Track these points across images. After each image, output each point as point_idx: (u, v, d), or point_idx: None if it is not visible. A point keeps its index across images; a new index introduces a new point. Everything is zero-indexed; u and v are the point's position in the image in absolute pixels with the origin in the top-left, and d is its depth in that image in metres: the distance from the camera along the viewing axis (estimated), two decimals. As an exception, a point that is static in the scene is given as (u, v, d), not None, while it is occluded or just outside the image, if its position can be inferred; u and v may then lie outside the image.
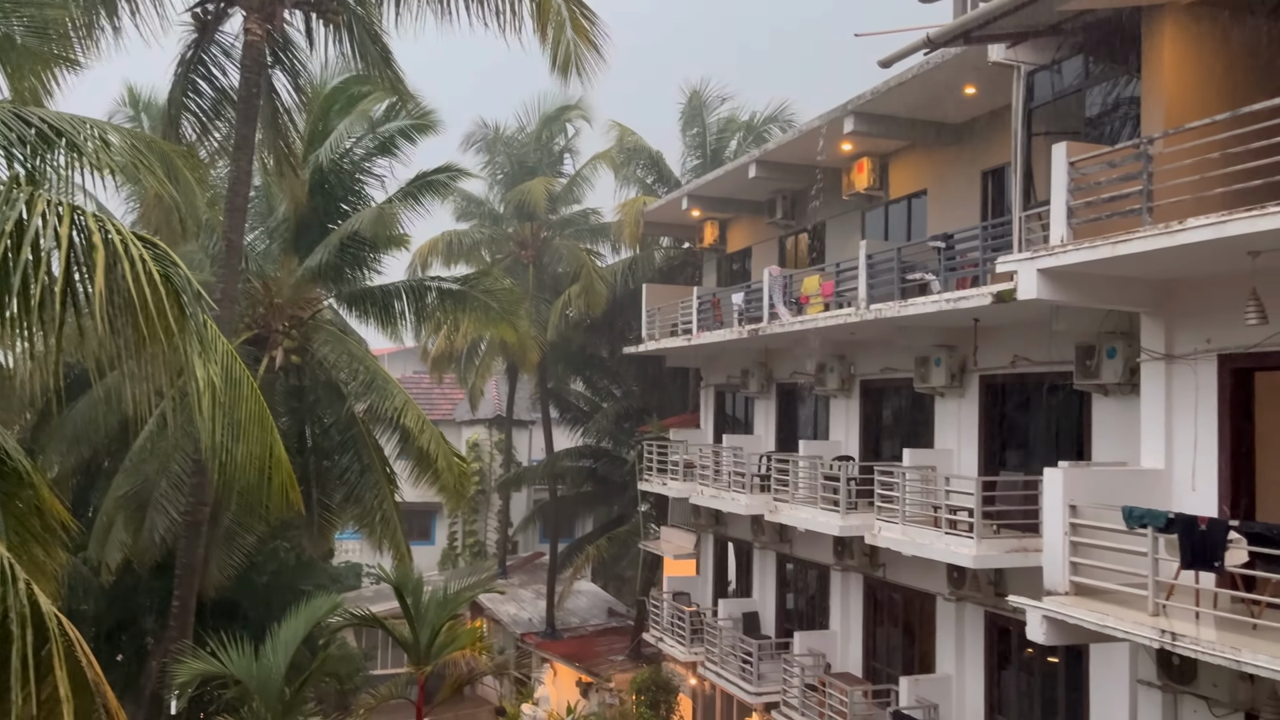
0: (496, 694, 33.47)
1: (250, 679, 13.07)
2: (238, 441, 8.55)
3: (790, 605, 21.89)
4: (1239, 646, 7.97)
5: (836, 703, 17.15)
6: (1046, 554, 10.25)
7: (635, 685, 26.29)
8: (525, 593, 36.50)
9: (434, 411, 37.36)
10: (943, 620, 16.47)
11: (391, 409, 18.12)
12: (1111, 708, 12.90)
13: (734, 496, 20.49)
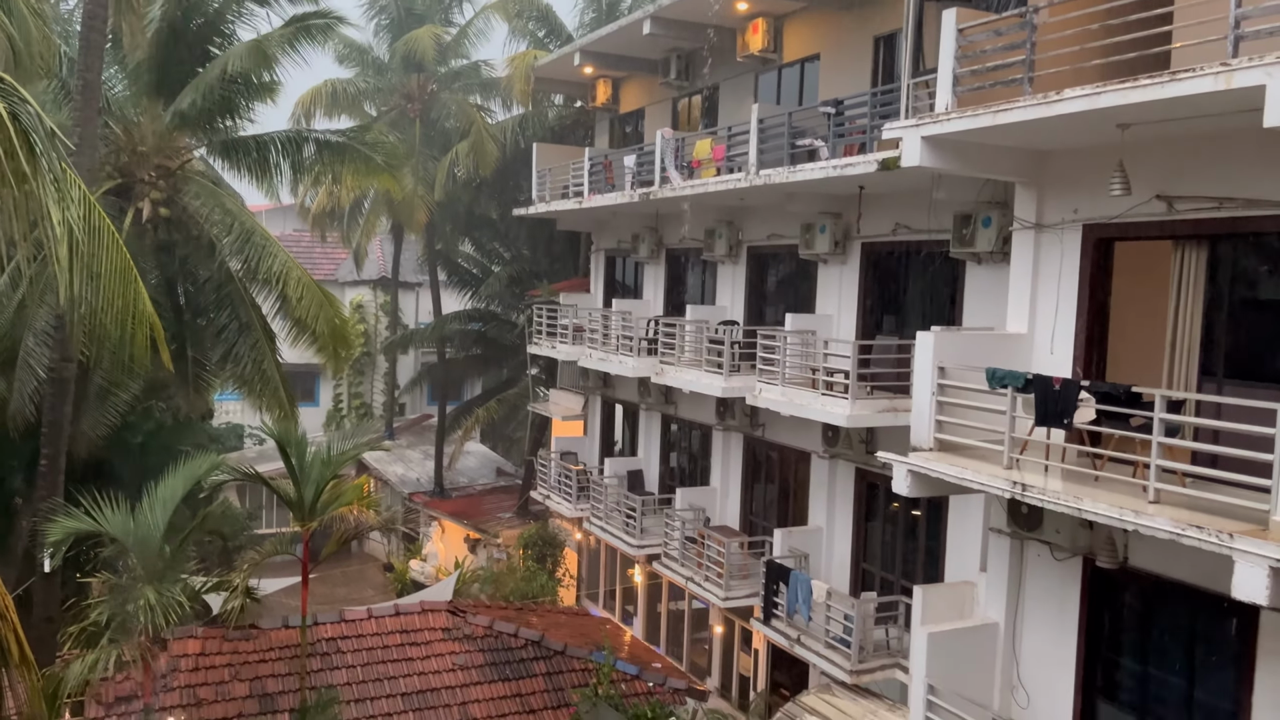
0: (384, 551, 33.90)
1: (127, 536, 12.88)
2: (99, 295, 8.14)
3: (673, 464, 22.61)
4: (1081, 496, 8.64)
5: (714, 553, 17.99)
6: (915, 413, 10.78)
7: (523, 541, 26.98)
8: (413, 454, 36.60)
9: (316, 271, 36.26)
10: (816, 477, 17.30)
11: (268, 266, 17.48)
12: (965, 554, 13.90)
13: (622, 359, 20.75)
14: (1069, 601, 10.57)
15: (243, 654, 15.56)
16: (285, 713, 14.62)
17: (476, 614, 17.53)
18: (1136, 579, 9.95)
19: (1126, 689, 10.23)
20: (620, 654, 16.98)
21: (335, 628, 16.52)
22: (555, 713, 15.84)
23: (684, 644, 22.00)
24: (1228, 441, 8.21)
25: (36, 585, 15.52)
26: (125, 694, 14.29)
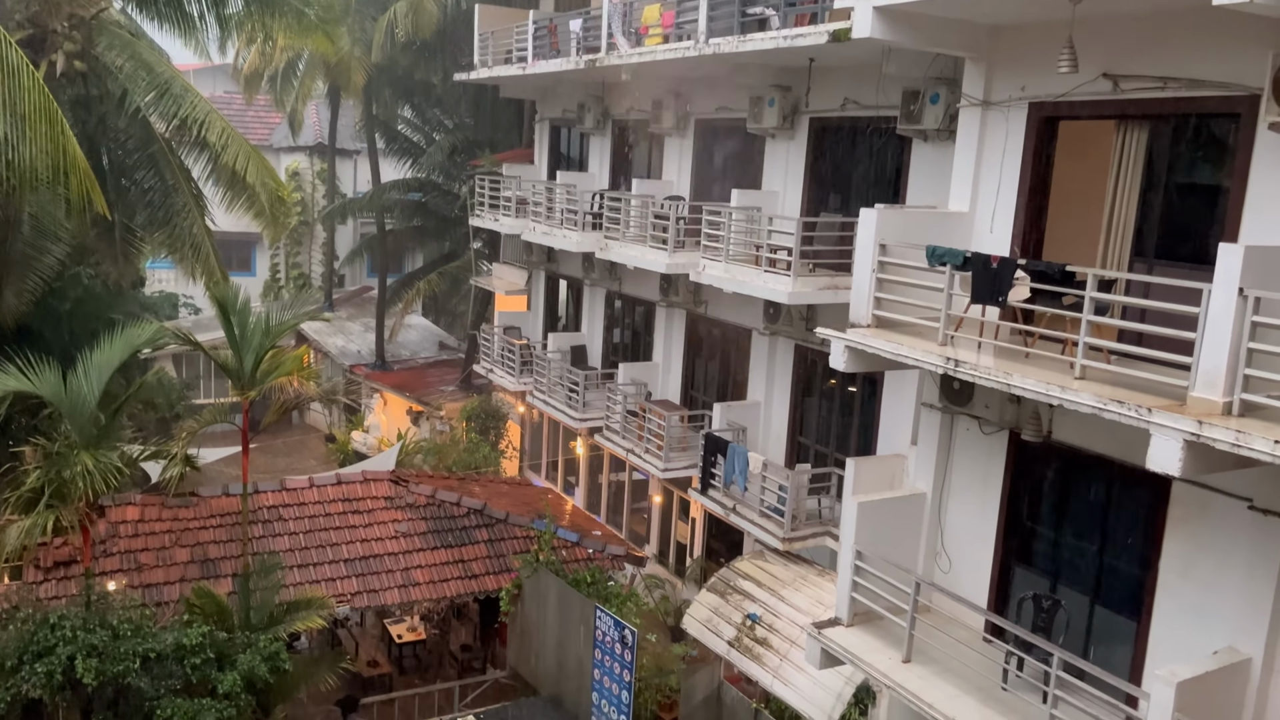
0: (326, 423, 33.87)
1: (60, 401, 12.64)
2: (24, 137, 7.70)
3: (617, 339, 22.70)
4: (1011, 372, 8.87)
5: (655, 426, 18.28)
6: (855, 290, 10.88)
7: (465, 413, 27.12)
8: (354, 326, 36.23)
9: (249, 135, 34.84)
10: (756, 353, 17.53)
11: (193, 120, 16.70)
12: (897, 428, 14.32)
13: (566, 234, 20.53)
14: (993, 473, 10.99)
15: (183, 521, 15.61)
16: (228, 577, 14.79)
17: (419, 483, 17.73)
18: (1058, 452, 10.35)
19: (1042, 555, 10.76)
20: (561, 522, 17.39)
21: (276, 496, 16.61)
22: (497, 578, 16.26)
23: (624, 513, 22.57)
24: (1154, 320, 8.45)
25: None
26: (64, 559, 14.31)
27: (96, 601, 12.88)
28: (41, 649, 11.87)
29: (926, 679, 10.20)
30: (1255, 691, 8.46)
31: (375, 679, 16.60)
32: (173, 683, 12.46)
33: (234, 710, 12.53)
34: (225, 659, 12.85)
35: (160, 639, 12.53)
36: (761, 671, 13.99)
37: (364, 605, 15.37)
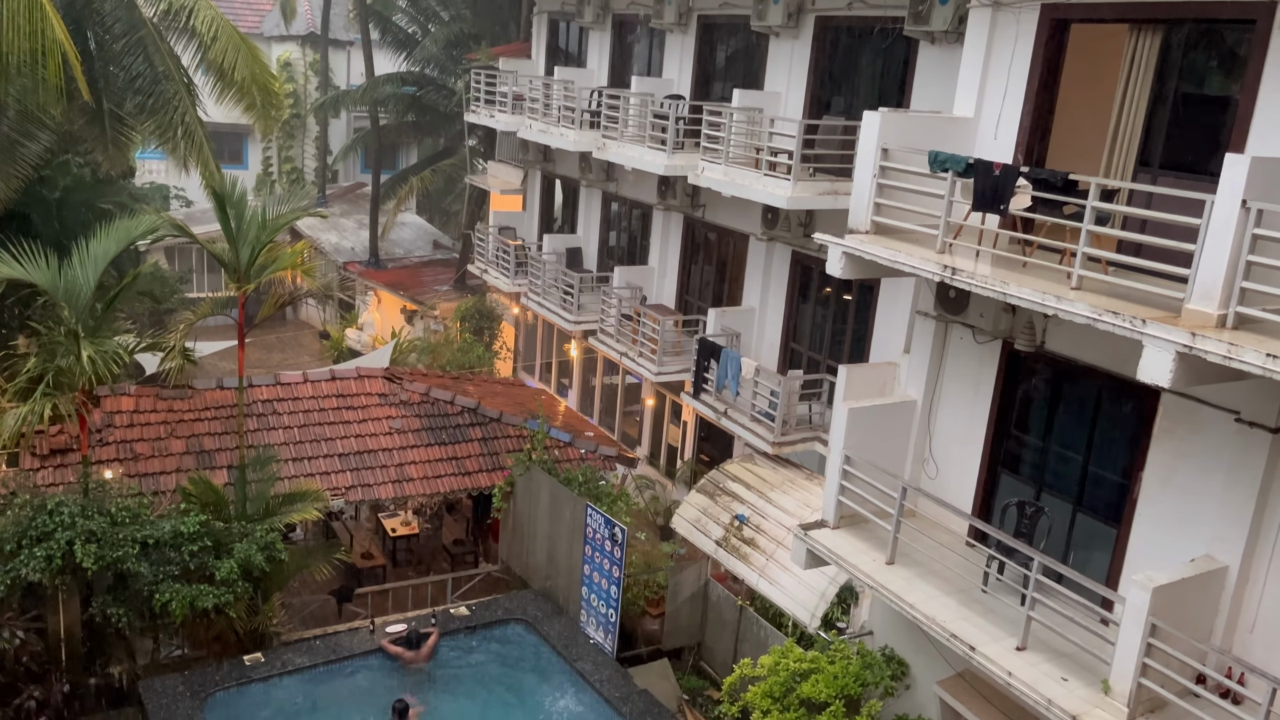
0: (320, 319, 33.84)
1: (55, 290, 12.56)
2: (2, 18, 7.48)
3: (612, 242, 22.55)
4: (1008, 281, 8.85)
5: (649, 330, 18.31)
6: (855, 195, 10.78)
7: (459, 313, 27.10)
8: (347, 222, 35.87)
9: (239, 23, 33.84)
10: (753, 258, 17.45)
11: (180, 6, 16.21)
12: (890, 337, 14.37)
13: (563, 132, 20.19)
14: (984, 382, 11.07)
15: (178, 412, 15.70)
16: (223, 469, 14.95)
17: (413, 381, 17.80)
18: (1050, 362, 10.41)
19: (1028, 463, 10.92)
20: (554, 423, 17.54)
21: (271, 390, 16.68)
22: (490, 476, 16.47)
23: (616, 416, 22.77)
24: (1155, 232, 8.40)
25: (-41, 339, 15.25)
26: (60, 446, 14.43)
27: (94, 489, 13.03)
28: (40, 534, 12.06)
29: (909, 580, 10.44)
30: (1230, 599, 8.68)
31: (369, 571, 16.95)
32: (171, 569, 12.70)
33: (231, 596, 12.81)
34: (222, 547, 13.09)
35: (158, 527, 12.73)
36: (748, 570, 14.31)
37: (358, 499, 15.58)
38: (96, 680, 12.99)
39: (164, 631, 13.50)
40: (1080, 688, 8.71)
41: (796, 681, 11.69)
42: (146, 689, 12.66)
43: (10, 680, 12.17)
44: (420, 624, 14.50)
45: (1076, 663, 9.02)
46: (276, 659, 13.54)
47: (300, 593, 15.73)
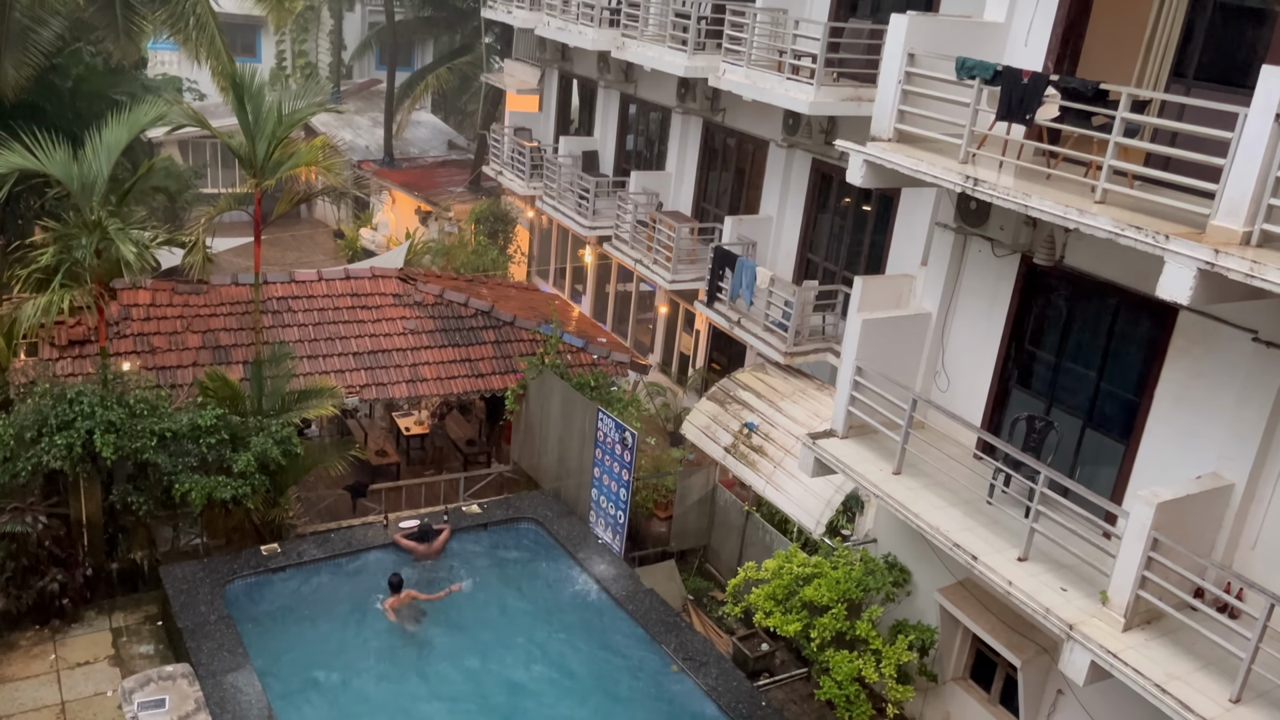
0: (334, 218, 33.72)
1: (70, 180, 12.49)
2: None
3: (630, 146, 22.22)
4: (1030, 193, 8.71)
5: (665, 237, 18.17)
6: (878, 101, 10.54)
7: (474, 216, 26.94)
8: (361, 120, 35.43)
9: (251, -91, 32.96)
10: (772, 166, 17.19)
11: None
12: (908, 249, 14.23)
13: (581, 30, 19.72)
14: (1000, 296, 10.99)
15: (194, 307, 15.78)
16: (239, 364, 15.09)
17: (427, 282, 17.80)
18: (1068, 278, 10.31)
19: (1040, 378, 10.91)
20: (568, 328, 17.57)
21: (286, 287, 16.72)
22: (503, 378, 16.59)
23: (629, 323, 22.79)
24: (1184, 145, 8.21)
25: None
26: (78, 338, 14.57)
27: (112, 380, 13.19)
28: (60, 423, 12.26)
29: (914, 490, 10.55)
30: (1234, 516, 8.75)
31: (383, 468, 17.24)
32: (189, 460, 12.94)
33: (248, 488, 13.07)
34: (239, 441, 13.30)
35: (176, 419, 12.92)
36: (755, 477, 14.49)
37: (372, 397, 15.75)
38: (118, 565, 13.38)
39: (183, 520, 13.83)
40: (1079, 598, 8.87)
41: (799, 585, 11.94)
42: (167, 575, 13.03)
43: (34, 563, 12.52)
44: (433, 520, 14.80)
45: (1076, 574, 9.16)
46: (293, 550, 13.88)
47: (316, 487, 16.03)
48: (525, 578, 14.35)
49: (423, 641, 12.95)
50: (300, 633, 12.76)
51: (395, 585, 13.24)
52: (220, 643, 11.86)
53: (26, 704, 11.62)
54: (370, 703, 11.77)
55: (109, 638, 12.83)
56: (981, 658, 11.91)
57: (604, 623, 13.34)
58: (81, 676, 12.13)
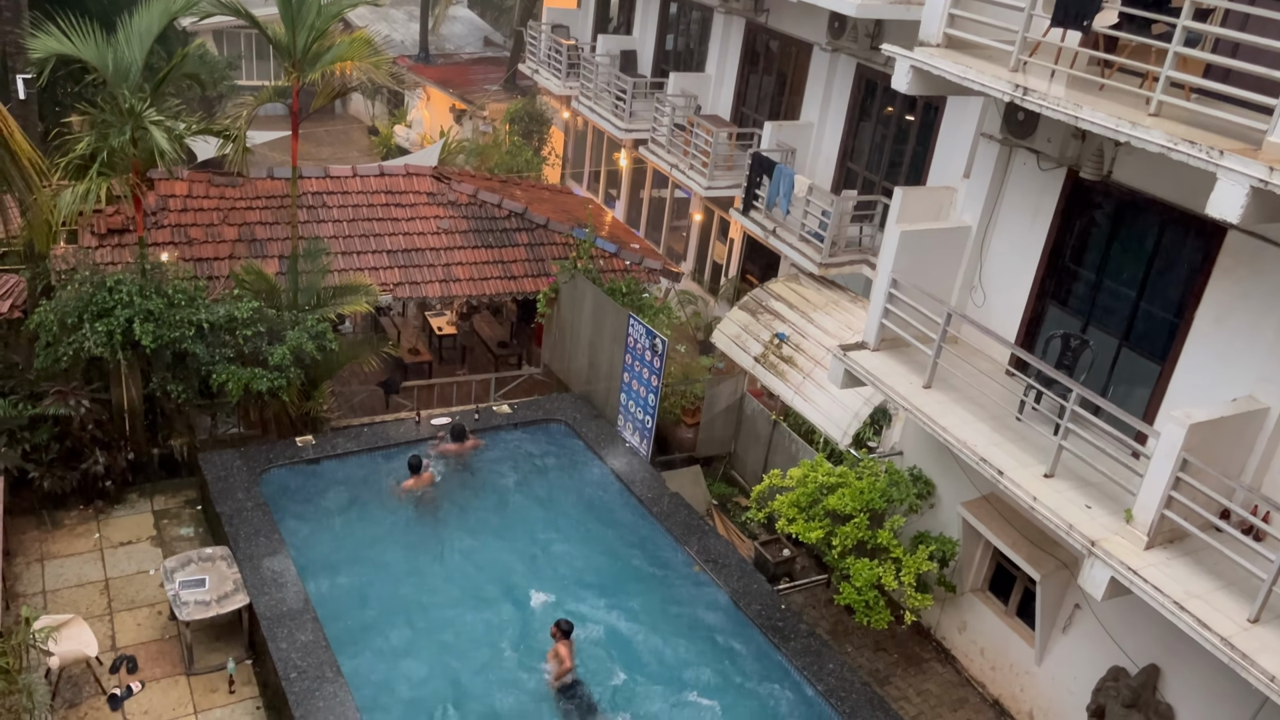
0: (368, 115, 33.42)
1: (104, 67, 12.42)
2: None
3: (669, 46, 21.71)
4: (1081, 104, 8.45)
5: (702, 142, 17.89)
6: (928, 3, 10.18)
7: (509, 115, 26.60)
8: (397, 14, 34.80)
9: None
10: (815, 71, 16.76)
11: None
12: (951, 160, 13.93)
13: (623, -77, 19.10)
14: (1043, 211, 10.77)
15: (230, 200, 15.82)
16: (275, 258, 15.19)
17: (461, 182, 17.70)
18: (1114, 193, 10.07)
19: (1078, 296, 10.75)
20: (601, 233, 17.47)
21: (321, 183, 16.69)
22: (535, 281, 16.60)
23: (663, 230, 22.62)
24: (1245, 57, 7.90)
25: (14, 114, 15.26)
26: (117, 227, 14.69)
27: (151, 270, 13.34)
28: (101, 310, 12.46)
29: (944, 405, 10.54)
30: (1267, 440, 8.69)
31: (416, 366, 17.44)
32: (226, 351, 13.15)
33: (284, 381, 13.29)
34: (275, 334, 13.48)
35: (213, 310, 13.09)
36: (784, 387, 14.52)
37: (406, 295, 15.83)
38: (159, 451, 13.74)
39: (221, 410, 14.14)
40: (1103, 515, 8.90)
41: (823, 494, 12.06)
42: (205, 462, 13.38)
43: (78, 445, 12.89)
44: (463, 420, 15.02)
45: (1102, 492, 9.18)
46: (327, 443, 14.18)
47: (349, 382, 16.28)
48: (552, 477, 14.60)
49: (448, 534, 13.27)
50: (332, 522, 13.12)
51: (415, 467, 13.56)
52: (257, 528, 12.24)
53: (72, 579, 12.10)
54: (397, 590, 12.15)
55: (150, 519, 13.27)
56: (1001, 571, 12.06)
57: (628, 523, 13.60)
58: (124, 555, 12.59)
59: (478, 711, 10.65)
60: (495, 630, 11.74)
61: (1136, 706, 9.85)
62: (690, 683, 11.28)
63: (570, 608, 11.96)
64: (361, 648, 11.17)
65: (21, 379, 12.70)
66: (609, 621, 12.00)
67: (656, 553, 13.09)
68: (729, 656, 11.62)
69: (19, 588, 11.82)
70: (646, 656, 11.61)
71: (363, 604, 11.84)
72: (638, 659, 11.58)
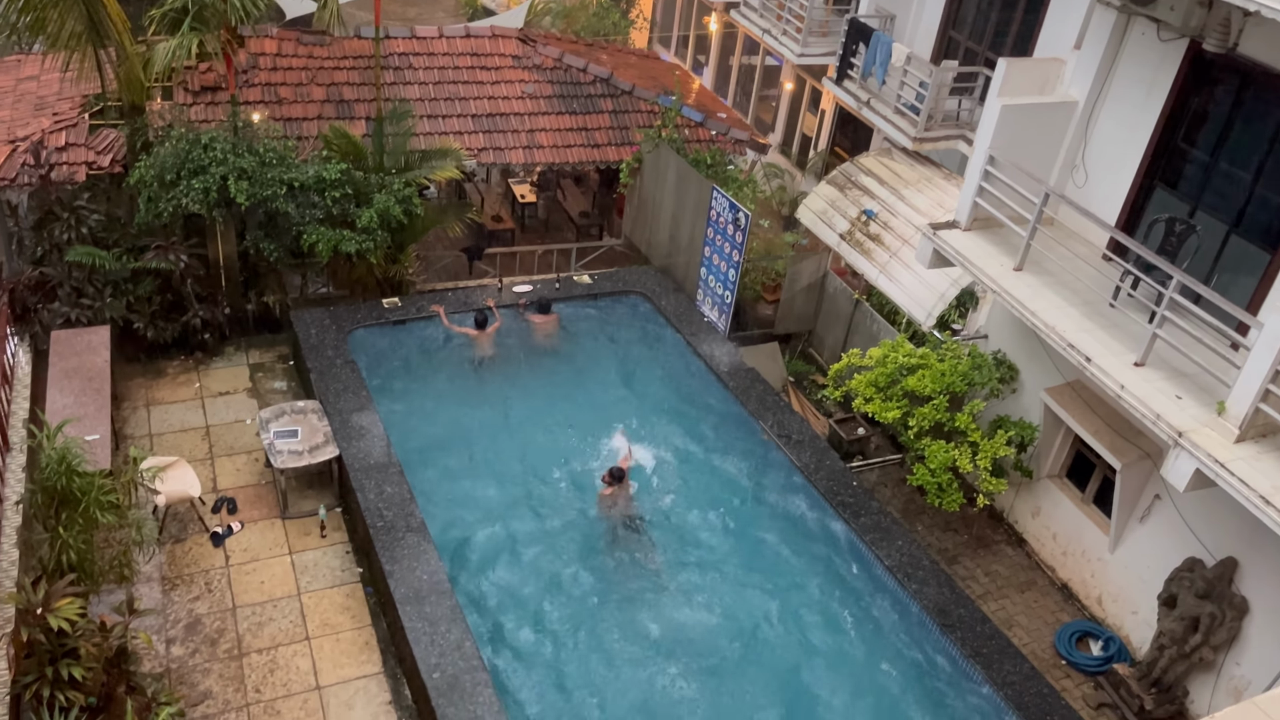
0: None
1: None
2: None
3: (766, -97, 20.61)
4: (1211, -32, 7.86)
5: (796, 6, 17.15)
6: None
7: (597, -24, 25.73)
8: None
9: None
10: (921, -70, 15.79)
11: None
12: (1062, 29, 13.13)
13: None
14: (1159, 86, 10.15)
15: (318, 59, 15.80)
16: (361, 120, 15.23)
17: (547, 45, 17.36)
18: (1239, 68, 9.42)
19: (1188, 178, 10.22)
20: (687, 101, 17.05)
21: (407, 43, 16.54)
22: (618, 150, 16.38)
23: (751, 99, 21.99)
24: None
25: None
26: (210, 84, 14.84)
27: (243, 128, 13.52)
28: (196, 167, 12.74)
29: (1034, 288, 10.26)
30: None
31: (498, 233, 17.54)
32: (315, 212, 13.38)
33: (371, 244, 13.52)
34: (362, 197, 13.64)
35: (302, 170, 13.26)
36: (868, 265, 14.26)
37: (490, 161, 15.79)
38: (253, 307, 14.22)
39: (310, 270, 14.50)
40: (1193, 406, 8.68)
41: (903, 375, 11.97)
42: (297, 319, 13.82)
43: (178, 299, 13.41)
44: (545, 288, 15.15)
45: (1195, 383, 8.93)
46: (412, 304, 14.48)
47: (434, 247, 16.48)
48: (629, 349, 14.74)
49: (524, 395, 13.59)
50: (416, 380, 13.54)
51: (481, 323, 14.07)
52: (345, 384, 12.69)
53: (176, 425, 12.78)
54: (475, 445, 12.61)
55: (246, 372, 13.85)
56: (1080, 458, 11.92)
57: (702, 397, 13.73)
58: (223, 404, 13.22)
59: (550, 555, 11.14)
60: (568, 485, 12.15)
61: (1210, 597, 9.80)
62: (753, 551, 11.56)
63: (639, 472, 12.25)
64: (442, 499, 11.69)
65: (124, 233, 13.16)
66: (676, 486, 12.29)
67: (729, 426, 13.24)
68: (796, 529, 11.83)
69: (127, 430, 12.54)
70: (712, 521, 11.91)
71: (443, 458, 12.32)
72: (704, 522, 11.89)
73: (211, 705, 9.48)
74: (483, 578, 10.89)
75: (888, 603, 10.86)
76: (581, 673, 9.97)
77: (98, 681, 8.51)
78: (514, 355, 14.27)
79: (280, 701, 9.59)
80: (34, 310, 12.90)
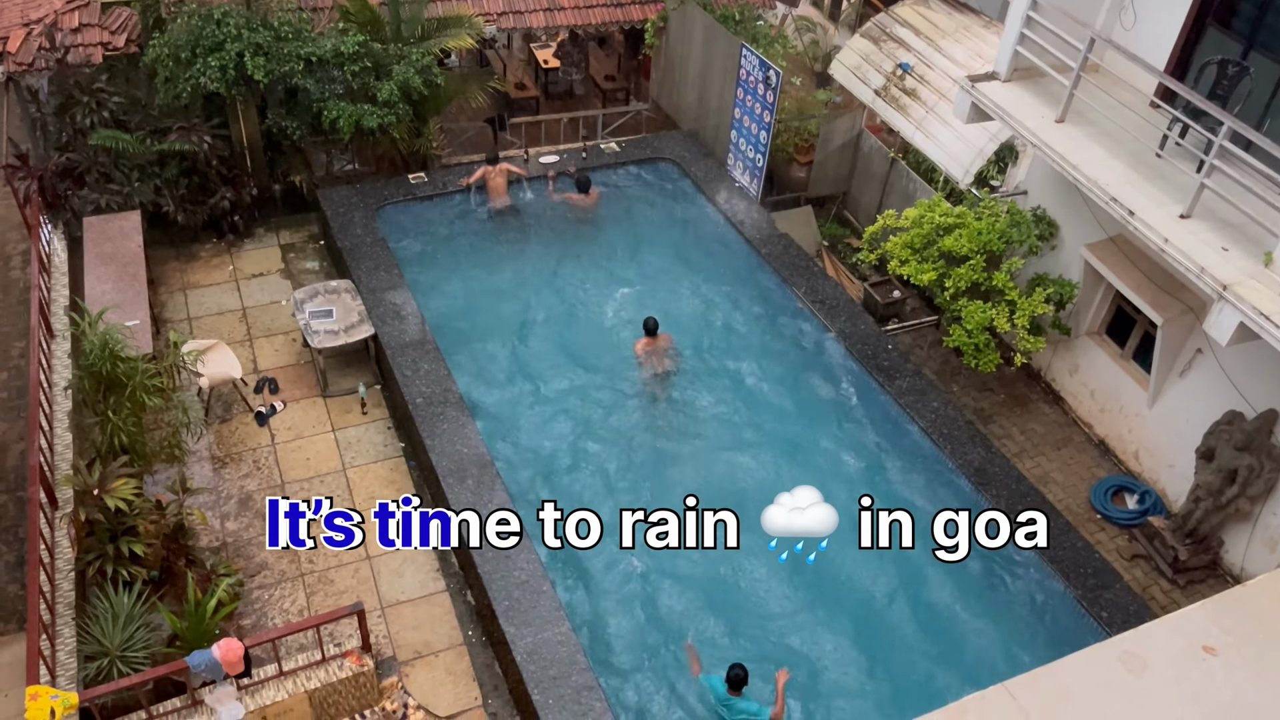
0: None
1: None
2: None
3: None
4: None
5: None
6: None
7: None
8: None
9: None
10: None
11: None
12: None
13: None
14: (1216, -84, 9.50)
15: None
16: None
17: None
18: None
19: (1244, 17, 9.63)
20: (713, -48, 16.26)
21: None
22: (643, 9, 15.77)
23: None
24: None
25: None
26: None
27: (255, 2, 13.15)
28: (212, 44, 12.46)
29: (1077, 140, 9.90)
30: None
31: (522, 101, 17.14)
32: (335, 87, 13.12)
33: (393, 117, 13.27)
34: (381, 69, 13.32)
35: (320, 44, 12.93)
36: (904, 122, 13.81)
37: (510, 26, 15.27)
38: (280, 187, 14.14)
39: (335, 147, 14.32)
40: (1239, 258, 8.45)
41: (939, 235, 11.74)
42: (325, 197, 13.74)
43: (205, 181, 13.35)
44: (571, 158, 14.88)
45: (1242, 234, 8.66)
46: (438, 179, 14.32)
47: (458, 119, 16.18)
48: (660, 216, 14.54)
49: (556, 266, 13.55)
50: (446, 256, 13.51)
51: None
52: (377, 262, 12.69)
53: (213, 308, 12.93)
54: (508, 318, 12.67)
55: (278, 253, 13.89)
56: (1120, 314, 11.74)
57: (734, 263, 13.59)
58: (257, 286, 13.32)
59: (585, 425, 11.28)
60: (600, 353, 12.20)
61: (1249, 449, 9.76)
62: (788, 414, 11.62)
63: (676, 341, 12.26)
64: (478, 373, 11.82)
65: (145, 115, 13.01)
66: (710, 352, 12.31)
67: (763, 293, 13.14)
68: (832, 392, 11.85)
69: (165, 314, 12.71)
70: (748, 384, 11.95)
71: (477, 332, 12.40)
72: (738, 384, 11.93)
73: (268, 575, 9.89)
74: (520, 443, 11.07)
75: (922, 463, 10.93)
76: (617, 523, 10.10)
77: (158, 556, 8.89)
78: (542, 227, 14.15)
79: (333, 571, 9.97)
80: (64, 197, 12.93)
